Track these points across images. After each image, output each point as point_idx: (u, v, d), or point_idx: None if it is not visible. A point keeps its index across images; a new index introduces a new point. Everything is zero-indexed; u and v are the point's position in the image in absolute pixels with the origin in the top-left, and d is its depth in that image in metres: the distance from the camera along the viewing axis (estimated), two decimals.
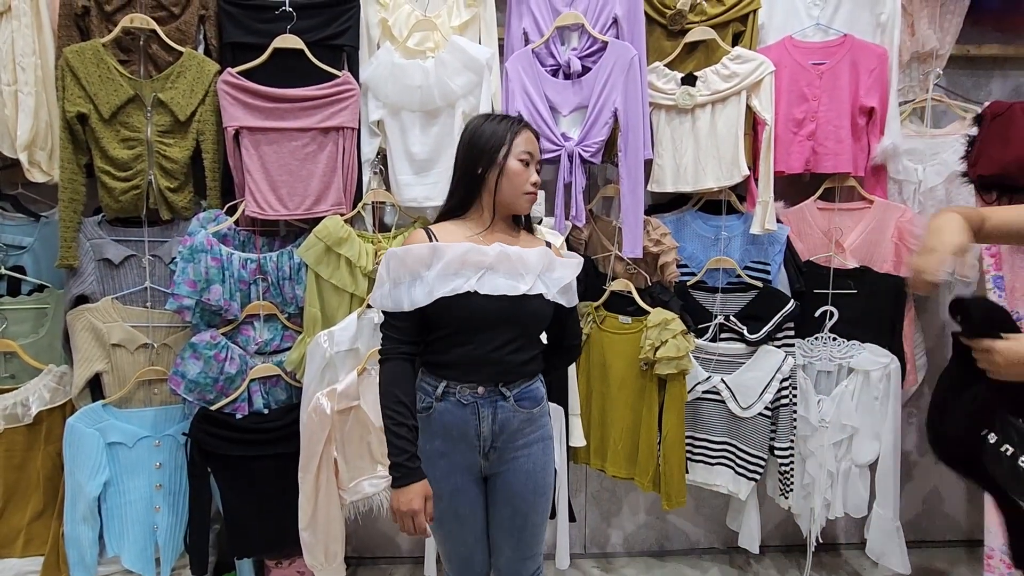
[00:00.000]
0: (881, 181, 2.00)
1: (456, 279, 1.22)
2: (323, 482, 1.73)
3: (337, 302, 1.82)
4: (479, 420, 1.27)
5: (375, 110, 1.83)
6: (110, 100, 1.72)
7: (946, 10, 2.01)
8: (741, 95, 1.86)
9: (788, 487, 1.93)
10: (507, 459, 1.30)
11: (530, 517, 1.33)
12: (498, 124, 1.29)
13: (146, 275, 1.82)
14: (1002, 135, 1.69)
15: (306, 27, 1.79)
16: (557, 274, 1.31)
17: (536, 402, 1.33)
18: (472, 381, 1.27)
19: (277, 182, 1.81)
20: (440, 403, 1.28)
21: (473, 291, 1.22)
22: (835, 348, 1.98)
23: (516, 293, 1.24)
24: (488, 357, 1.25)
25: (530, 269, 1.27)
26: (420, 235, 1.29)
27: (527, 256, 1.27)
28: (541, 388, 1.36)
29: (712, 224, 2.01)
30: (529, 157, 1.30)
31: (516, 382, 1.29)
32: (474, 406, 1.27)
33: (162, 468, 1.81)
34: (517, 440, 1.30)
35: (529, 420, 1.31)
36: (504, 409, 1.28)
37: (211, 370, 1.74)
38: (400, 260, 1.24)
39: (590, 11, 1.86)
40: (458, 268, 1.22)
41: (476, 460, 1.30)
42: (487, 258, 1.24)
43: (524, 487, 1.31)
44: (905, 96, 2.06)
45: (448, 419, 1.27)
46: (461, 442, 1.28)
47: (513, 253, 1.25)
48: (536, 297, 1.27)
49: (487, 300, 1.22)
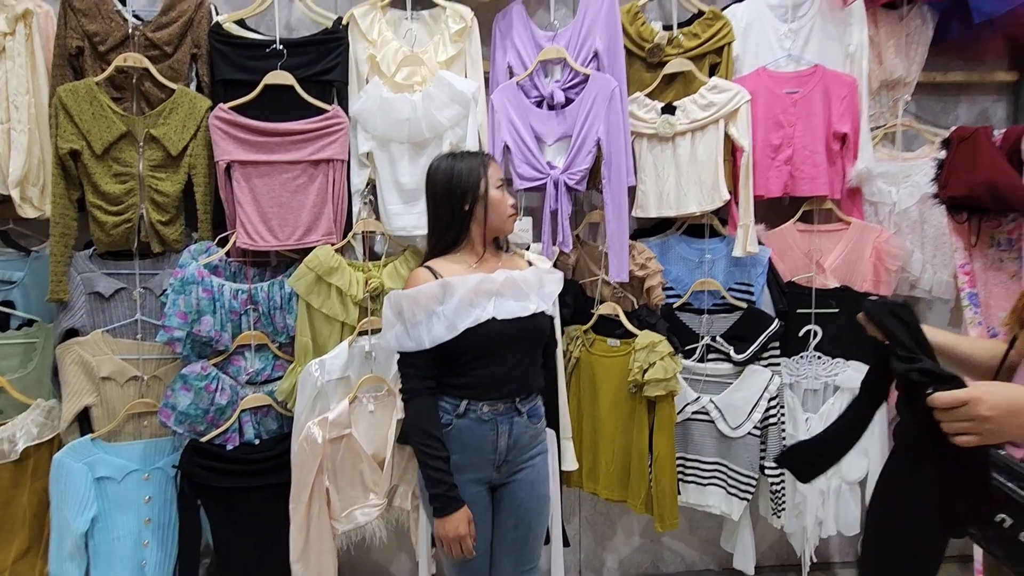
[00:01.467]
0: (857, 203, 2.07)
1: (474, 309, 1.31)
2: (315, 512, 1.72)
3: (328, 331, 1.83)
4: (496, 435, 1.36)
5: (364, 142, 1.88)
6: (103, 136, 1.75)
7: (911, 40, 2.11)
8: (719, 123, 1.93)
9: (780, 506, 1.94)
10: (514, 471, 1.40)
11: (532, 528, 1.42)
12: (469, 160, 1.42)
13: (136, 307, 1.83)
14: (969, 158, 1.76)
15: (296, 64, 1.84)
16: (548, 289, 1.46)
17: (540, 417, 1.46)
18: (492, 399, 1.36)
19: (268, 214, 1.83)
20: (460, 420, 1.36)
21: (492, 318, 1.32)
22: (820, 366, 2.01)
23: (527, 313, 1.36)
24: (506, 376, 1.36)
25: (532, 289, 1.39)
26: (424, 274, 1.38)
27: (528, 278, 1.40)
28: (541, 405, 1.48)
29: (696, 247, 2.06)
30: (502, 182, 1.44)
31: (529, 397, 1.41)
32: (493, 422, 1.36)
33: (151, 502, 1.79)
34: (525, 453, 1.41)
35: (535, 434, 1.43)
36: (518, 424, 1.38)
37: (201, 401, 1.74)
38: (413, 300, 1.32)
39: (572, 45, 1.93)
40: (473, 299, 1.32)
41: (489, 473, 1.38)
42: (496, 285, 1.35)
43: (528, 497, 1.39)
44: (876, 122, 2.14)
45: (467, 435, 1.35)
46: (476, 456, 1.36)
47: (518, 277, 1.38)
48: (540, 314, 1.41)
49: (503, 324, 1.33)
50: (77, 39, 1.78)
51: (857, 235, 2.02)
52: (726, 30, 1.97)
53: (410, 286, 1.36)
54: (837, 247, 2.04)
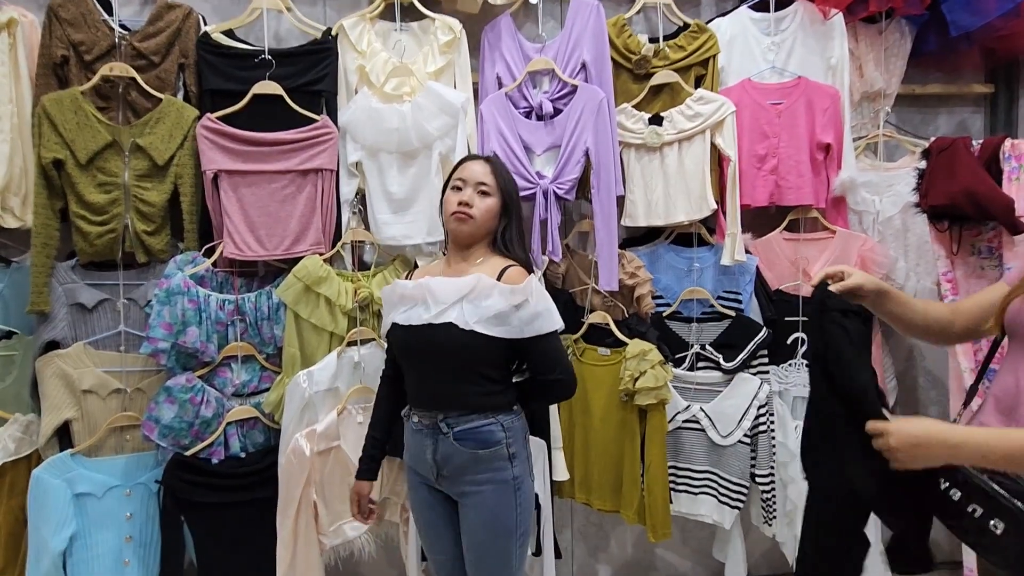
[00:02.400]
0: (842, 212, 2.10)
1: (392, 313, 1.37)
2: (302, 527, 1.69)
3: (317, 341, 1.81)
4: (423, 448, 1.35)
5: (353, 152, 1.87)
6: (87, 146, 1.73)
7: (890, 53, 2.16)
8: (706, 133, 1.95)
9: (771, 514, 1.94)
10: (459, 491, 1.35)
11: (485, 559, 1.32)
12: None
13: (120, 319, 1.80)
14: (948, 168, 1.80)
15: (285, 74, 1.84)
16: (486, 303, 1.25)
17: (484, 444, 1.29)
18: (417, 409, 1.37)
19: (256, 223, 1.82)
20: (407, 421, 1.41)
21: (395, 323, 1.35)
22: (808, 374, 2.02)
23: (419, 323, 1.30)
24: (422, 387, 1.36)
25: (441, 299, 1.28)
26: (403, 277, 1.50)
27: (447, 285, 1.29)
28: (495, 432, 1.30)
29: (684, 256, 2.07)
30: (461, 183, 1.37)
31: (456, 418, 1.30)
32: (422, 433, 1.35)
33: (133, 519, 1.74)
34: (464, 477, 1.31)
35: (476, 460, 1.29)
36: (444, 444, 1.31)
37: (186, 414, 1.71)
38: (386, 296, 1.44)
39: (560, 57, 1.95)
40: (398, 302, 1.35)
41: (432, 479, 1.37)
42: (408, 290, 1.35)
43: (476, 525, 1.32)
44: (858, 132, 2.18)
45: (408, 437, 1.41)
46: (418, 462, 1.38)
47: (434, 284, 1.31)
48: (445, 326, 1.26)
49: (404, 331, 1.33)
50: (62, 48, 1.76)
51: (842, 243, 2.05)
52: (711, 43, 2.00)
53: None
54: (823, 255, 2.07)
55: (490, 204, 1.36)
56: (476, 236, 1.37)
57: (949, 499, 0.96)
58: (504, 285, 1.28)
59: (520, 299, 1.27)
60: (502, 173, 1.41)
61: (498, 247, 1.38)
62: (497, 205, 1.37)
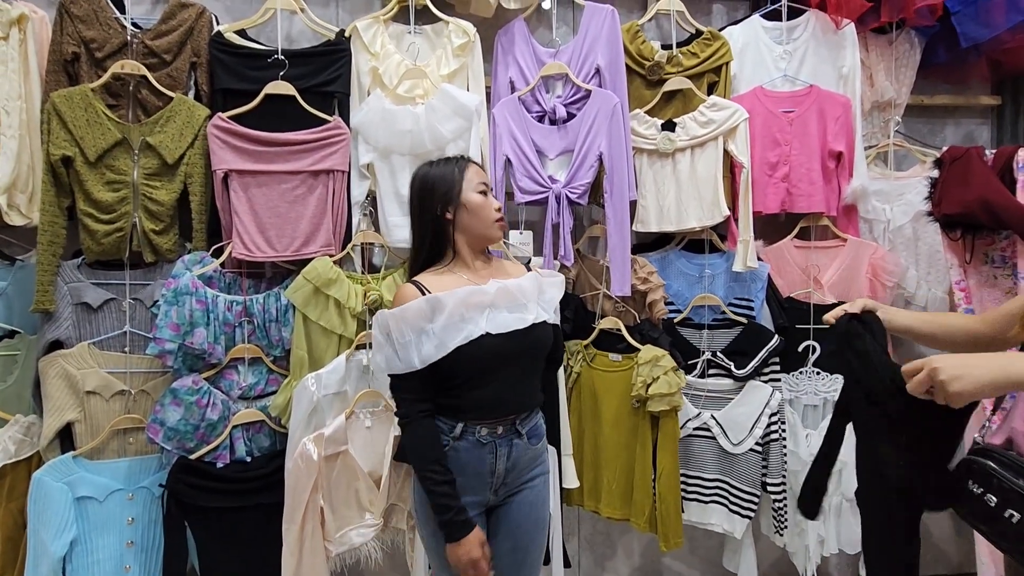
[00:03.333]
0: (853, 220, 2.10)
1: (466, 325, 1.21)
2: (308, 533, 1.65)
3: (325, 344, 1.79)
4: (495, 458, 1.28)
5: (365, 153, 1.86)
6: (96, 143, 1.71)
7: (900, 64, 2.17)
8: (718, 140, 1.95)
9: (782, 524, 1.92)
10: (512, 492, 1.32)
11: (530, 551, 1.34)
12: (443, 166, 1.34)
13: (126, 319, 1.77)
14: (962, 177, 1.80)
15: (298, 74, 1.83)
16: (548, 295, 1.36)
17: (540, 437, 1.37)
18: (490, 420, 1.27)
19: (266, 224, 1.80)
20: (458, 442, 1.27)
21: (485, 333, 1.22)
22: (820, 382, 2.01)
23: (524, 325, 1.25)
24: (505, 395, 1.28)
25: (530, 297, 1.29)
26: (411, 290, 1.27)
27: (524, 285, 1.31)
28: (542, 423, 1.39)
29: (696, 262, 2.06)
30: (485, 187, 1.34)
31: (528, 417, 1.33)
32: (492, 445, 1.28)
33: (135, 523, 1.70)
34: (523, 475, 1.33)
35: (535, 455, 1.35)
36: (518, 447, 1.31)
37: (192, 417, 1.67)
38: (400, 319, 1.22)
39: (574, 61, 1.95)
40: (463, 313, 1.22)
41: (486, 496, 1.30)
42: (488, 296, 1.24)
43: (526, 519, 1.32)
44: (869, 141, 2.19)
45: (465, 458, 1.27)
46: (474, 479, 1.28)
47: (512, 285, 1.28)
48: (541, 324, 1.31)
49: (499, 339, 1.23)
50: (73, 45, 1.75)
51: (853, 252, 2.05)
52: (724, 50, 2.00)
53: (397, 304, 1.26)
54: (834, 263, 2.06)
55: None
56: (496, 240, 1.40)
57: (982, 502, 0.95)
58: (554, 280, 1.38)
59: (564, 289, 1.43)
60: None
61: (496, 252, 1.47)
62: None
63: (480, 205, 1.31)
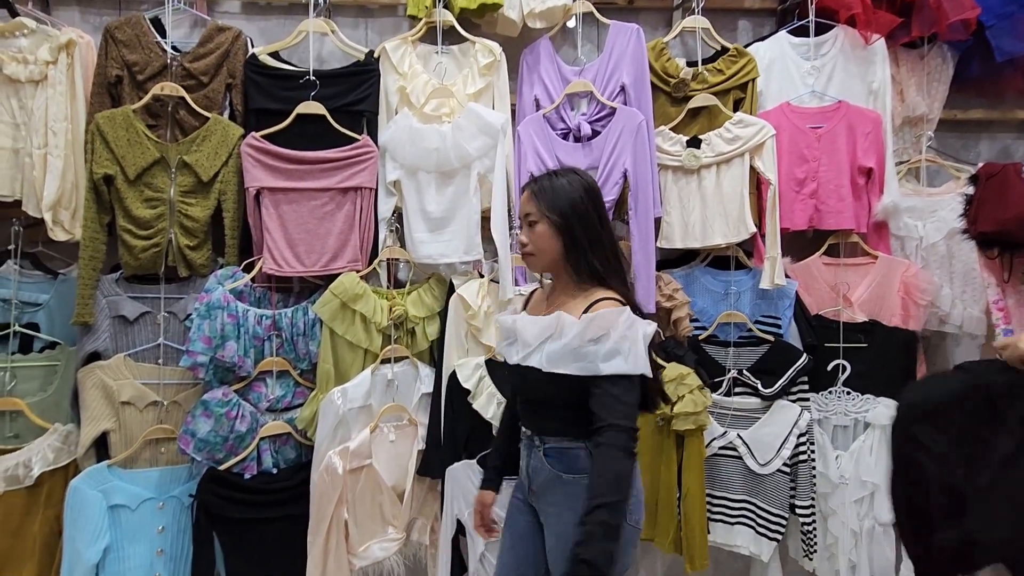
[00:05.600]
0: (884, 237, 2.06)
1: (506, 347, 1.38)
2: (333, 546, 1.67)
3: (351, 358, 1.81)
4: (523, 457, 1.40)
5: (392, 171, 1.90)
6: (136, 162, 1.78)
7: (932, 78, 2.14)
8: (744, 156, 1.94)
9: (812, 548, 1.87)
10: (543, 508, 1.34)
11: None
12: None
13: (160, 332, 1.82)
14: (999, 194, 1.76)
15: (328, 94, 1.88)
16: (563, 340, 1.19)
17: (568, 468, 1.26)
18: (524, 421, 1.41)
19: (295, 240, 1.84)
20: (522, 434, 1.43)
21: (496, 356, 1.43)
22: (850, 402, 1.97)
23: (512, 362, 1.33)
24: (526, 411, 1.39)
25: (528, 340, 1.26)
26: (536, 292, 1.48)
27: (529, 326, 1.28)
28: (582, 458, 1.24)
29: (721, 279, 2.04)
30: (524, 218, 1.33)
31: (551, 437, 1.32)
32: (524, 445, 1.40)
33: (164, 532, 1.74)
34: (548, 496, 1.31)
35: (560, 482, 1.27)
36: (535, 457, 1.34)
37: (221, 428, 1.71)
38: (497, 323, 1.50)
39: (599, 79, 1.96)
40: (504, 338, 1.39)
41: (526, 492, 1.38)
42: (507, 325, 1.37)
43: (555, 544, 1.30)
44: (900, 157, 2.15)
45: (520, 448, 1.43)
46: (521, 470, 1.41)
47: (520, 323, 1.33)
48: (531, 369, 1.24)
49: (507, 368, 1.40)
50: (117, 68, 1.82)
51: (885, 269, 2.00)
52: (750, 66, 2.00)
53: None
54: (864, 281, 2.03)
55: (541, 231, 1.27)
56: (552, 267, 1.31)
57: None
58: (584, 317, 1.19)
59: (598, 333, 1.15)
60: (546, 193, 1.27)
61: (583, 275, 1.26)
62: (548, 229, 1.26)
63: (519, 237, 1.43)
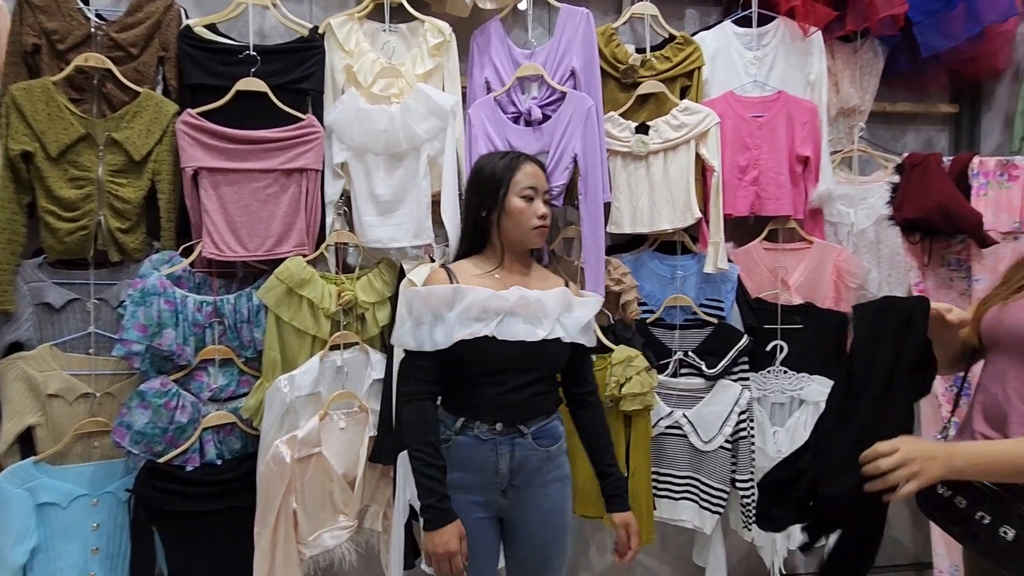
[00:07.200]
0: (818, 223, 2.16)
1: (475, 323, 1.23)
2: (281, 536, 1.64)
3: (298, 345, 1.77)
4: (497, 456, 1.27)
5: (339, 152, 1.84)
6: (59, 139, 1.66)
7: (864, 71, 2.24)
8: (690, 143, 1.99)
9: (750, 519, 1.97)
10: (526, 499, 1.30)
11: (550, 559, 1.32)
12: (498, 162, 1.34)
13: (90, 320, 1.72)
14: (921, 183, 1.88)
15: (270, 71, 1.80)
16: (576, 314, 1.32)
17: (554, 440, 1.33)
18: (490, 420, 1.27)
19: (237, 223, 1.77)
20: (459, 436, 1.28)
21: (492, 336, 1.23)
22: (786, 380, 2.07)
23: (534, 339, 1.25)
24: (506, 399, 1.27)
25: (548, 314, 1.27)
26: (441, 275, 1.31)
27: (546, 300, 1.28)
28: (559, 426, 1.36)
29: (668, 264, 2.10)
30: (533, 192, 1.31)
31: (534, 420, 1.30)
32: (493, 442, 1.27)
33: (99, 529, 1.66)
34: (536, 479, 1.30)
35: (548, 459, 1.32)
36: (522, 447, 1.28)
37: (160, 420, 1.64)
38: (424, 299, 1.25)
39: (549, 63, 1.96)
40: (478, 313, 1.24)
41: (495, 497, 1.29)
42: (507, 303, 1.25)
43: (542, 526, 1.30)
44: (834, 147, 2.25)
45: (467, 452, 1.27)
46: (479, 476, 1.27)
47: (532, 298, 1.27)
48: (554, 341, 1.28)
49: (505, 346, 1.24)
50: (34, 36, 1.69)
51: (819, 254, 2.11)
52: (696, 55, 2.04)
53: (427, 284, 1.32)
54: (801, 265, 2.12)
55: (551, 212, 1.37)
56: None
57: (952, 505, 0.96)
58: (585, 298, 1.38)
59: (597, 309, 1.38)
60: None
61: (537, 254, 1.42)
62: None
63: (520, 211, 1.30)
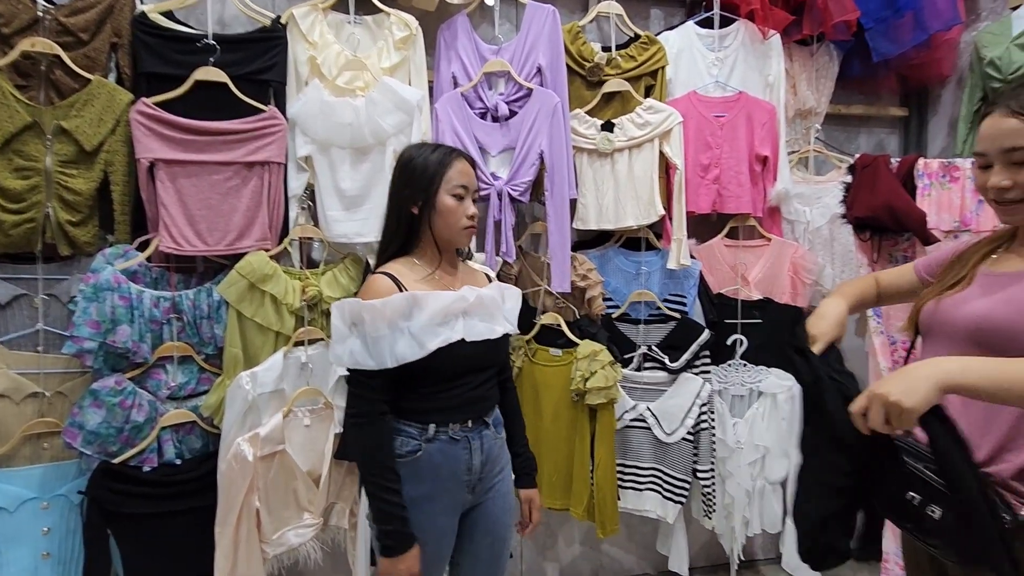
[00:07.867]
0: (777, 221, 2.23)
1: (444, 329, 1.20)
2: (243, 535, 1.61)
3: (261, 341, 1.74)
4: (470, 453, 1.28)
5: (303, 146, 1.81)
6: (3, 127, 1.58)
7: (820, 74, 2.32)
8: (654, 142, 2.02)
9: (711, 508, 2.03)
10: (488, 486, 1.34)
11: (505, 539, 1.38)
12: (429, 156, 1.26)
13: (39, 316, 1.66)
14: (871, 183, 1.96)
15: (230, 60, 1.75)
16: (509, 305, 1.38)
17: (502, 424, 1.40)
18: (461, 419, 1.28)
19: (196, 217, 1.72)
20: (431, 444, 1.25)
21: (462, 339, 1.22)
22: (746, 373, 2.14)
23: (495, 336, 1.29)
24: (473, 395, 1.29)
25: (499, 309, 1.33)
26: (385, 283, 1.21)
27: (495, 296, 1.34)
28: (499, 412, 1.42)
29: (633, 260, 2.14)
30: (464, 191, 1.26)
31: (491, 411, 1.36)
32: (465, 440, 1.28)
33: (50, 534, 1.60)
34: (496, 466, 1.35)
35: (501, 446, 1.38)
36: (488, 438, 1.33)
37: (115, 419, 1.59)
38: (378, 312, 1.16)
39: (516, 59, 1.97)
40: (443, 318, 1.21)
41: (463, 496, 1.30)
42: (466, 304, 1.25)
43: (502, 510, 1.35)
44: (791, 147, 2.33)
45: (439, 459, 1.25)
46: (450, 481, 1.27)
47: (486, 297, 1.31)
48: (506, 336, 1.35)
49: (474, 346, 1.24)
50: None
51: (777, 251, 2.18)
52: (660, 54, 2.08)
53: (369, 295, 1.19)
54: (760, 261, 2.19)
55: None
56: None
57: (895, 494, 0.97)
58: (512, 291, 1.41)
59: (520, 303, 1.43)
60: None
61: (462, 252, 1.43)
62: None
63: (450, 210, 1.25)
